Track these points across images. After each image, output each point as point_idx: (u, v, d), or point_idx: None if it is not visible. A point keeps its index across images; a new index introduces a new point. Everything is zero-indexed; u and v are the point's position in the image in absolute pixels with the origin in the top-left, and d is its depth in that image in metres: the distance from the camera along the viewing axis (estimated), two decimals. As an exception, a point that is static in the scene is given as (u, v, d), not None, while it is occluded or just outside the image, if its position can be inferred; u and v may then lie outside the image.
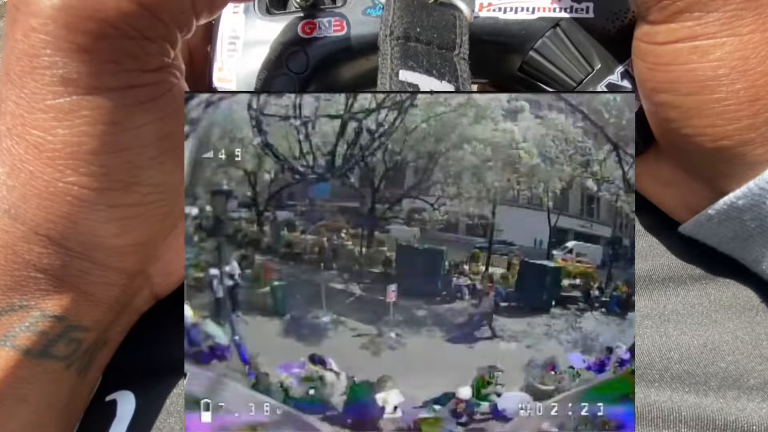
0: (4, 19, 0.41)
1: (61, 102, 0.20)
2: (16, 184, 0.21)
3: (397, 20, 0.23)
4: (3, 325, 0.22)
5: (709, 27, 0.22)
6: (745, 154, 0.24)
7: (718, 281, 0.29)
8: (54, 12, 0.19)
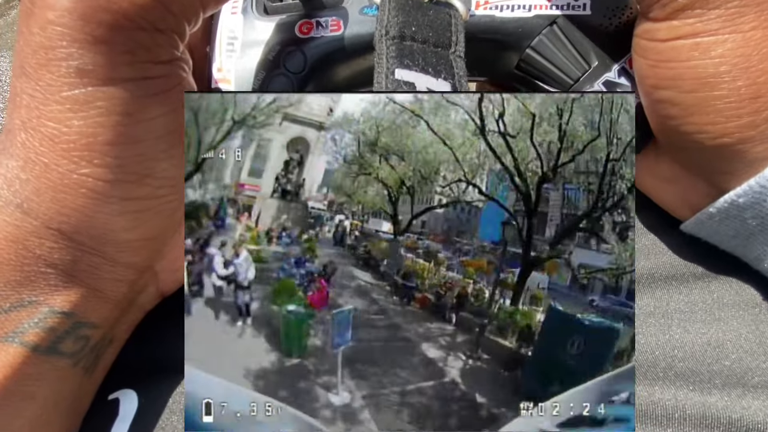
0: (4, 17, 0.42)
1: (76, 93, 0.21)
2: (30, 177, 0.22)
3: (393, 20, 0.23)
4: (12, 321, 0.22)
5: (711, 24, 0.22)
6: (745, 151, 0.24)
7: (721, 279, 0.28)
8: (70, 4, 0.20)
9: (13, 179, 0.22)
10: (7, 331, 0.22)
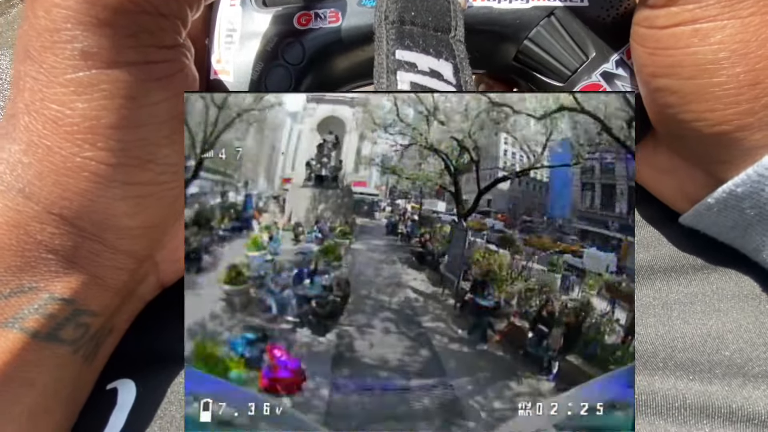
0: (4, 16, 0.42)
1: (80, 76, 0.21)
2: (32, 160, 0.22)
3: (391, 5, 0.24)
4: (12, 306, 0.22)
5: (710, 10, 0.22)
6: (743, 139, 0.24)
7: (720, 271, 0.28)
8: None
9: (15, 163, 0.22)
10: (6, 316, 0.22)
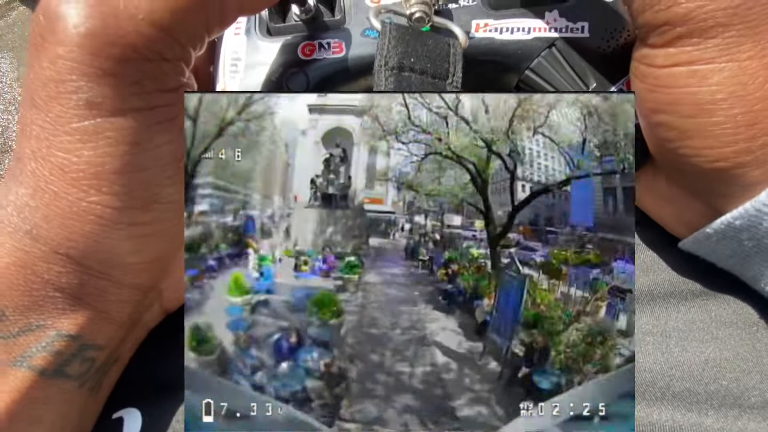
0: (4, 18, 0.43)
1: (86, 125, 0.21)
2: (39, 204, 0.22)
3: (392, 50, 0.24)
4: (20, 345, 0.23)
5: (708, 52, 0.22)
6: (741, 175, 0.24)
7: (719, 297, 0.29)
8: (80, 39, 0.20)
9: (22, 206, 0.22)
10: (15, 355, 0.22)
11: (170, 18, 0.21)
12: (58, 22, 0.20)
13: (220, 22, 0.23)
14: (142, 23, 0.20)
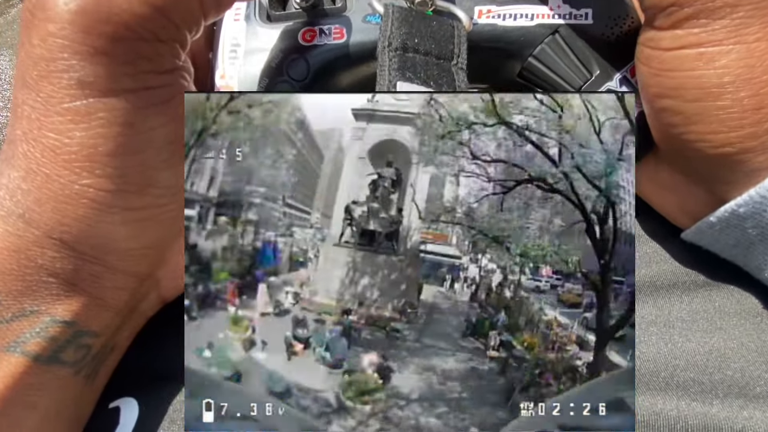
0: (3, 16, 0.42)
1: (77, 105, 0.21)
2: (31, 187, 0.22)
3: (396, 31, 0.24)
4: (13, 330, 0.22)
5: (716, 34, 0.22)
6: (746, 161, 0.24)
7: (723, 288, 0.28)
8: (71, 16, 0.20)
9: (15, 189, 0.22)
10: (8, 341, 0.22)
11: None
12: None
13: (216, 5, 0.23)
14: (135, 1, 0.20)
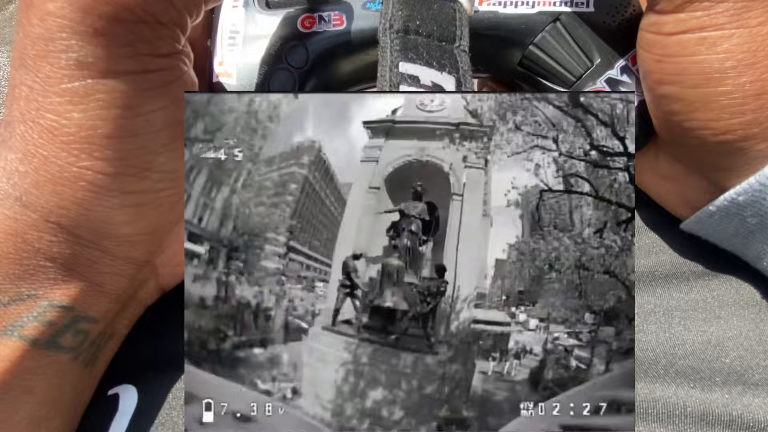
0: (2, 12, 0.42)
1: (76, 85, 0.20)
2: (28, 170, 0.21)
3: (397, 13, 0.23)
4: (11, 314, 0.22)
5: (719, 18, 0.22)
6: (746, 148, 0.24)
7: (721, 278, 0.28)
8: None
9: (12, 172, 0.22)
10: (6, 324, 0.22)
11: None
12: None
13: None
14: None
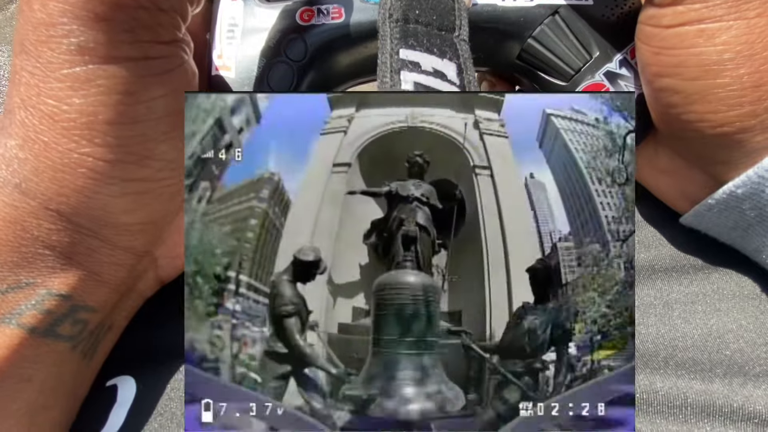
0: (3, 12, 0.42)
1: (77, 71, 0.20)
2: (28, 156, 0.21)
3: (396, 2, 0.23)
4: (9, 302, 0.22)
5: (716, 10, 0.22)
6: (744, 141, 0.24)
7: (721, 271, 0.28)
8: None
9: (11, 158, 0.22)
10: (4, 312, 0.22)
11: None
12: None
13: None
14: None
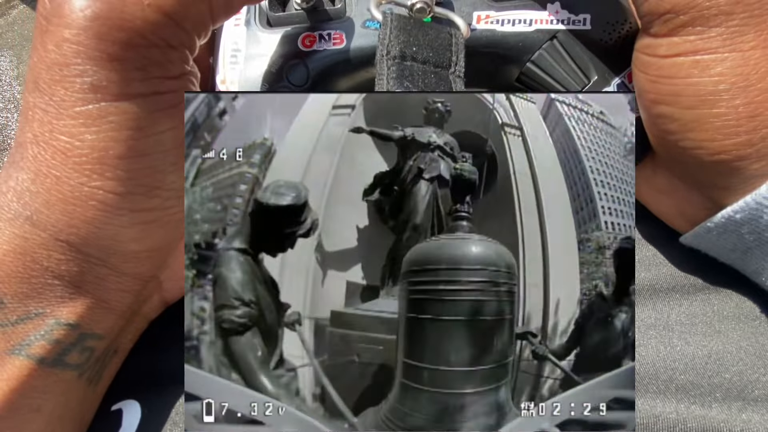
0: (4, 17, 0.43)
1: (90, 108, 0.21)
2: (40, 189, 0.22)
3: (394, 39, 0.24)
4: (18, 333, 0.22)
5: (711, 42, 0.22)
6: (742, 168, 0.24)
7: (721, 292, 0.28)
8: (86, 23, 0.20)
9: (23, 192, 0.22)
10: (13, 343, 0.22)
11: (176, 4, 0.21)
12: (64, 5, 0.20)
13: (225, 9, 0.23)
14: (148, 9, 0.20)
